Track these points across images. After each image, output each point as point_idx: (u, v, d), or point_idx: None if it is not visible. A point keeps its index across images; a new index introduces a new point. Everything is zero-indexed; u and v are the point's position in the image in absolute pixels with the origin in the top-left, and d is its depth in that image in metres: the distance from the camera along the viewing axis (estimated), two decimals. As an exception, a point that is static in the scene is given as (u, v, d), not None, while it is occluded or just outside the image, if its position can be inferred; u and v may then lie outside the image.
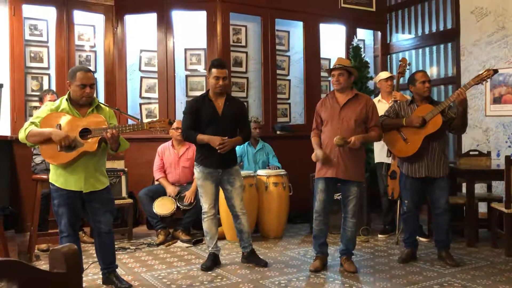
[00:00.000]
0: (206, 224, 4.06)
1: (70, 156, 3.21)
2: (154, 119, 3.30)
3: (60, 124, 3.22)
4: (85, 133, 3.24)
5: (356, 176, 3.82)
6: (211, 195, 4.02)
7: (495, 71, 3.86)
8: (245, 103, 6.10)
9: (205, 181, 3.99)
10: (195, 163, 4.08)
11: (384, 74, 5.30)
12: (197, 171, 4.03)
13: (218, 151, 3.85)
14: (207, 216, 4.04)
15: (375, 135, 3.86)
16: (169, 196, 5.07)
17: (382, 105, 5.04)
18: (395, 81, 5.01)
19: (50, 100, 4.31)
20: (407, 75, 4.74)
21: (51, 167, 3.38)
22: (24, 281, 0.92)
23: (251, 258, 4.11)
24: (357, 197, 3.85)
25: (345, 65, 3.84)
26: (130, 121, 5.19)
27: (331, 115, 3.84)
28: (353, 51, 6.21)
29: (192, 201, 4.99)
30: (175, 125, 5.16)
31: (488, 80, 3.94)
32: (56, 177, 3.32)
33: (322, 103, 3.96)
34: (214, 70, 3.93)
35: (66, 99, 3.33)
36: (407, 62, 4.92)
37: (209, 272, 3.90)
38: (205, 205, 4.03)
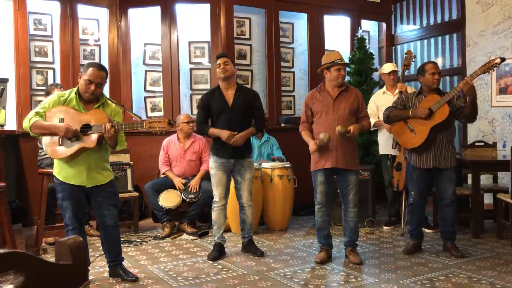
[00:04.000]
0: (215, 214, 4.14)
1: (69, 152, 3.23)
2: (154, 119, 3.28)
3: (62, 118, 3.24)
4: (86, 128, 3.25)
5: (353, 165, 3.88)
6: (223, 185, 4.10)
7: (502, 59, 3.81)
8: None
9: (217, 171, 4.09)
10: (210, 153, 4.20)
11: (386, 68, 5.17)
12: (211, 161, 4.14)
13: (230, 143, 3.96)
14: (217, 206, 4.12)
15: (367, 124, 3.99)
16: (178, 188, 5.09)
17: (387, 97, 5.03)
18: (400, 73, 4.98)
19: (58, 93, 4.33)
20: (412, 67, 4.70)
21: (54, 160, 3.39)
22: (30, 272, 0.93)
23: (248, 247, 4.19)
24: (356, 186, 3.89)
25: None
26: (134, 119, 5.20)
27: (325, 107, 3.87)
28: (358, 43, 6.17)
29: (197, 189, 5.02)
30: (184, 119, 5.19)
31: (495, 68, 3.90)
32: (59, 170, 3.35)
33: (312, 97, 3.98)
34: (217, 61, 4.14)
35: (75, 92, 3.34)
36: (412, 55, 4.88)
37: (214, 264, 3.92)
38: (216, 194, 4.12)
